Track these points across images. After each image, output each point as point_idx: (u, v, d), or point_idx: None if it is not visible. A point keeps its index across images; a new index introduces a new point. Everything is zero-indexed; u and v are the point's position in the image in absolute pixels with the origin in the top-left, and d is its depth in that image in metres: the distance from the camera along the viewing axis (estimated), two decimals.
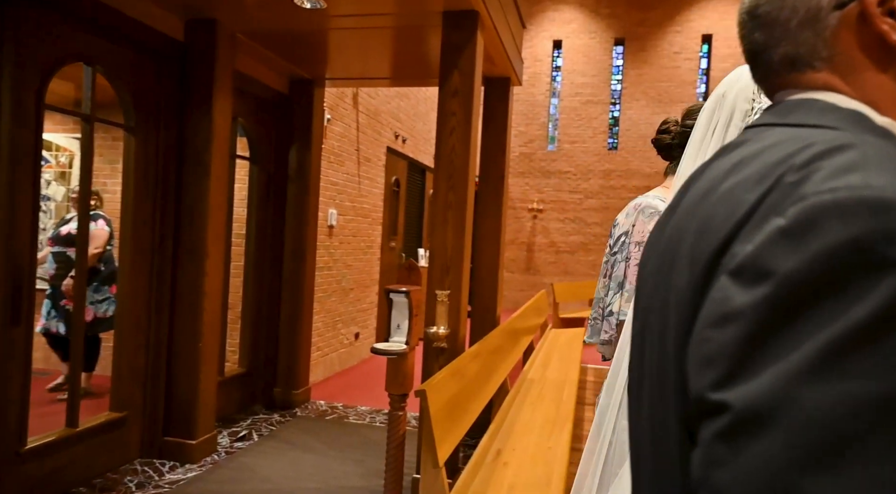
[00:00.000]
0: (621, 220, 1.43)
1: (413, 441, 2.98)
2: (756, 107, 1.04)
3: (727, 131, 1.03)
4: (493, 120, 4.25)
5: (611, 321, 1.36)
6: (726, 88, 1.07)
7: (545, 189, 11.11)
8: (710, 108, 1.08)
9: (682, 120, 1.51)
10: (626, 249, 1.36)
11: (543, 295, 6.16)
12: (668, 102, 10.43)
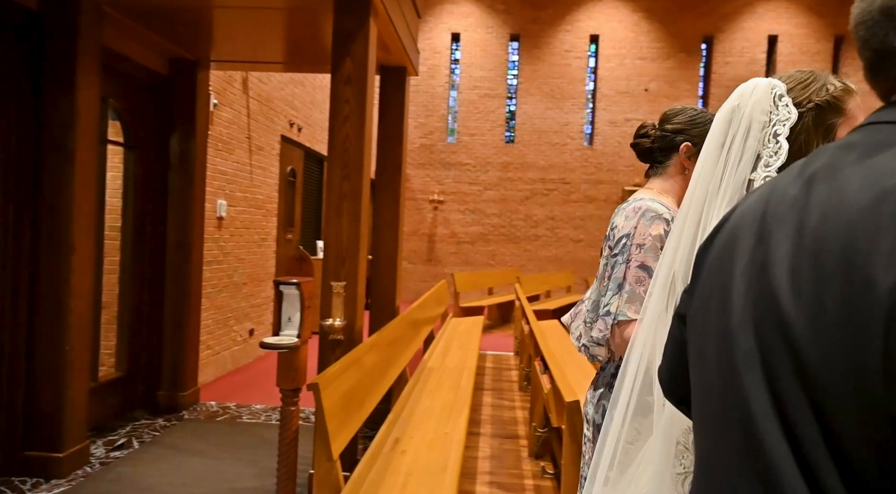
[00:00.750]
0: (620, 223, 1.41)
1: (310, 436, 2.91)
2: (773, 119, 1.05)
3: (746, 142, 1.05)
4: (389, 109, 4.22)
5: (607, 321, 1.35)
6: (739, 100, 1.08)
7: (445, 180, 11.25)
8: (726, 119, 1.08)
9: (659, 124, 1.54)
10: (626, 251, 1.35)
11: (444, 284, 6.25)
12: (561, 98, 10.94)
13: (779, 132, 1.03)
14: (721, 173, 1.04)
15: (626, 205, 1.46)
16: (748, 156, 1.03)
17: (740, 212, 0.66)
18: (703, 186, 1.05)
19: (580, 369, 4.28)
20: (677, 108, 1.52)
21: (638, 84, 10.78)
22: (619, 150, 10.85)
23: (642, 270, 1.32)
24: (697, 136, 1.45)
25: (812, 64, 10.37)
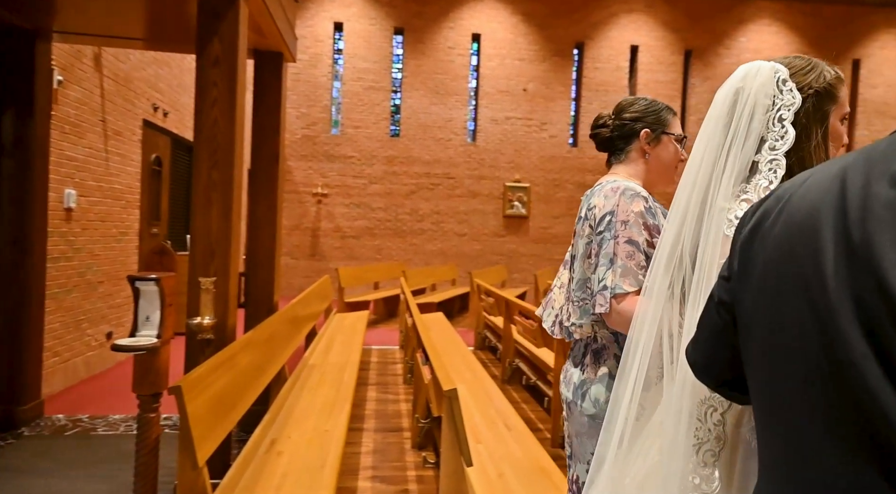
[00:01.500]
0: (599, 203, 1.43)
1: (177, 444, 2.70)
2: (778, 103, 1.05)
3: (750, 124, 1.05)
4: (265, 96, 4.01)
5: (605, 294, 1.35)
6: (743, 82, 1.08)
7: (329, 173, 10.97)
8: (730, 101, 1.08)
9: (616, 114, 1.58)
10: (613, 227, 1.37)
11: (327, 279, 6.10)
12: (445, 94, 11.10)
13: (783, 116, 1.04)
14: (726, 154, 1.04)
15: (599, 187, 1.49)
16: (753, 138, 1.03)
17: (798, 205, 0.69)
18: (708, 165, 1.04)
19: (462, 359, 4.39)
20: (630, 99, 1.58)
21: (517, 83, 11.24)
22: (501, 147, 11.26)
23: (630, 245, 1.35)
24: (654, 123, 1.53)
25: (667, 74, 11.47)
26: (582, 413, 1.46)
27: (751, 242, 0.75)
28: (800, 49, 11.59)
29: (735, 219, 0.98)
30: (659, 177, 1.56)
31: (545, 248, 11.45)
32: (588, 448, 1.45)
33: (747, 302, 0.75)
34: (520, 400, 4.79)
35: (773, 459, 0.71)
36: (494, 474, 2.34)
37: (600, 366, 1.45)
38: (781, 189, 0.76)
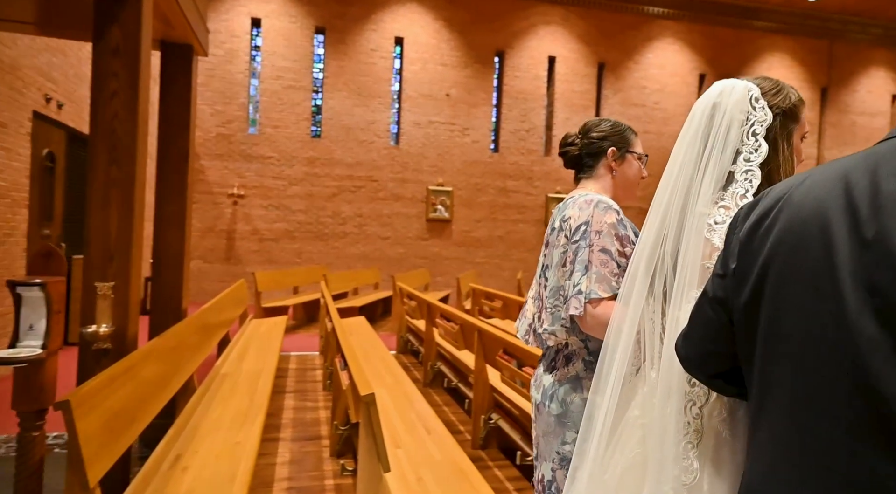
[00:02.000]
0: (574, 214, 1.52)
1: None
2: (751, 119, 1.13)
3: (727, 137, 1.12)
4: (174, 90, 3.79)
5: (580, 299, 1.41)
6: (719, 99, 1.14)
7: (247, 174, 10.55)
8: (707, 113, 1.14)
9: (584, 133, 1.69)
10: (588, 237, 1.46)
11: (243, 284, 5.84)
12: (368, 96, 11.00)
13: (757, 131, 1.12)
14: (705, 163, 1.11)
15: (572, 199, 1.58)
16: (729, 149, 1.12)
17: (802, 199, 0.74)
18: (687, 173, 1.12)
19: (383, 363, 4.35)
20: (595, 120, 1.70)
21: (440, 89, 11.34)
22: (424, 151, 11.30)
23: (604, 253, 1.44)
24: (618, 141, 1.65)
25: (582, 85, 12.00)
26: (549, 413, 1.51)
27: (750, 241, 0.80)
28: (698, 67, 12.52)
29: (714, 224, 1.07)
30: (624, 191, 1.67)
31: (468, 252, 11.60)
32: (554, 446, 1.51)
33: (746, 296, 0.80)
34: (441, 403, 4.81)
35: (771, 444, 0.76)
36: (413, 478, 2.32)
37: (570, 369, 1.52)
38: (776, 191, 0.81)
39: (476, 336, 3.79)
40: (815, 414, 0.69)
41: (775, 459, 0.76)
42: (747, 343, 0.82)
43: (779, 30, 12.76)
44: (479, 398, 3.80)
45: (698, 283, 1.05)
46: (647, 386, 1.14)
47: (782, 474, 0.74)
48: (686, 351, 0.96)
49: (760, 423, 0.79)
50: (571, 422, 1.48)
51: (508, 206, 11.76)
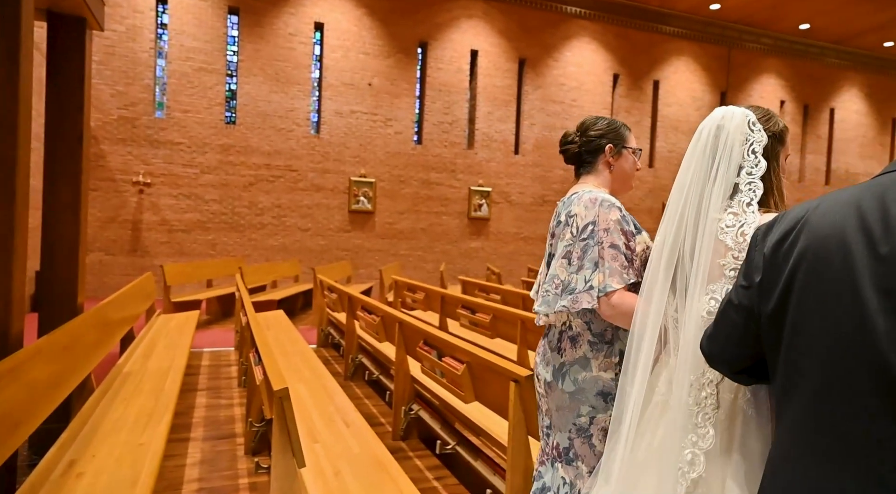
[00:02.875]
0: (581, 212, 1.64)
1: None
2: (750, 139, 1.34)
3: (731, 154, 1.32)
4: (64, 67, 3.46)
5: (592, 294, 1.55)
6: (722, 121, 1.35)
7: (154, 161, 9.90)
8: (714, 136, 1.35)
9: (582, 132, 1.82)
10: (596, 235, 1.58)
11: (149, 277, 5.49)
12: (286, 82, 10.63)
13: (756, 149, 1.34)
14: (714, 175, 1.32)
15: (577, 196, 1.70)
16: (734, 164, 1.33)
17: (820, 221, 0.90)
18: (698, 184, 1.33)
19: (301, 357, 4.24)
20: (592, 119, 1.84)
21: (362, 78, 11.15)
22: (346, 141, 11.09)
23: (613, 249, 1.57)
24: (614, 138, 1.79)
25: (503, 79, 12.22)
26: (563, 391, 1.67)
27: (775, 257, 0.97)
28: (612, 66, 13.11)
29: (726, 227, 1.29)
30: (621, 184, 1.83)
31: (391, 243, 11.54)
32: (570, 418, 1.67)
33: (773, 303, 0.96)
34: (363, 396, 4.77)
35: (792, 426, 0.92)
36: (331, 472, 2.28)
37: (577, 350, 1.67)
38: (792, 214, 0.98)
39: (397, 328, 3.78)
40: (839, 397, 0.84)
41: (797, 440, 0.91)
42: (773, 342, 0.97)
43: (685, 35, 13.60)
44: (400, 389, 3.80)
45: (713, 278, 1.28)
46: (667, 371, 1.33)
47: (804, 452, 0.89)
48: (711, 349, 1.13)
49: (785, 409, 0.94)
50: (584, 397, 1.64)
51: (431, 199, 11.80)
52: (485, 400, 2.74)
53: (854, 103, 15.60)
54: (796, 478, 0.89)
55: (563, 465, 1.71)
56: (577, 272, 1.60)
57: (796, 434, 0.91)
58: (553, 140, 12.67)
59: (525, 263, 12.38)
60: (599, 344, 1.65)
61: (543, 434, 1.80)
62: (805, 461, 0.88)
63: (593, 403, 1.63)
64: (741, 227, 1.28)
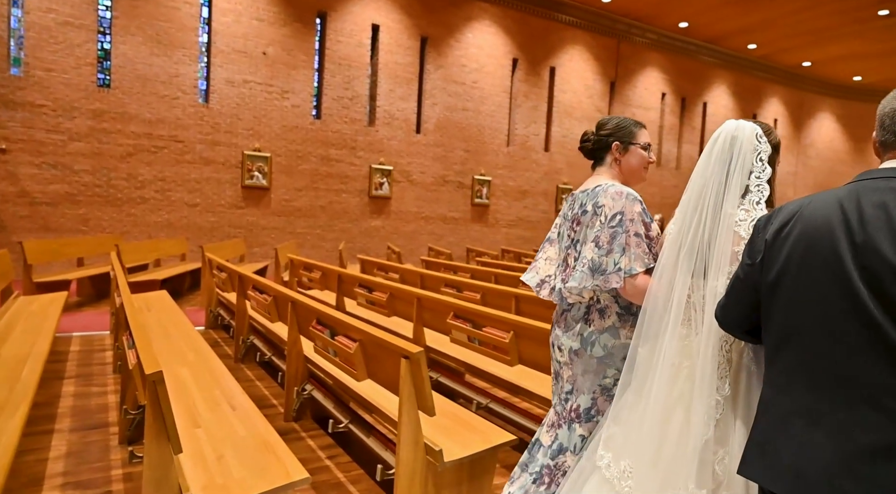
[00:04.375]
0: (608, 203, 1.88)
1: None
2: (758, 149, 1.65)
3: (744, 160, 1.63)
4: None
5: (620, 275, 1.81)
6: (735, 133, 1.65)
7: (10, 124, 8.75)
8: (729, 144, 1.65)
9: (596, 131, 2.08)
10: (623, 224, 1.83)
11: (3, 255, 4.90)
12: (169, 45, 9.79)
13: (763, 158, 1.65)
14: (729, 178, 1.62)
15: (601, 189, 1.94)
16: (746, 169, 1.63)
17: (812, 214, 1.23)
18: (716, 185, 1.62)
19: (186, 340, 4.01)
20: (605, 119, 2.10)
21: (256, 46, 10.53)
22: (238, 112, 10.47)
23: (637, 237, 1.82)
24: (622, 137, 2.03)
25: (405, 56, 12.09)
26: (592, 356, 1.92)
27: (774, 241, 1.30)
28: (512, 51, 13.42)
29: (739, 221, 1.60)
30: (631, 177, 2.05)
31: (288, 221, 11.14)
32: (596, 381, 1.93)
33: (772, 276, 1.29)
34: (254, 378, 4.61)
35: (784, 371, 1.25)
36: (213, 457, 2.19)
37: (605, 321, 1.92)
38: (787, 209, 1.30)
39: (289, 307, 3.68)
40: (831, 343, 1.17)
41: (791, 378, 1.24)
42: (769, 305, 1.31)
43: (579, 25, 14.19)
44: (293, 370, 3.72)
45: (730, 261, 1.57)
46: (686, 340, 1.64)
47: (798, 386, 1.22)
48: (724, 315, 1.47)
49: (779, 357, 1.28)
50: (612, 361, 1.91)
51: (331, 176, 11.51)
52: (377, 378, 2.75)
53: (723, 99, 17.19)
54: (792, 403, 1.22)
55: (580, 424, 1.96)
56: (606, 255, 1.84)
57: (791, 375, 1.24)
58: (455, 120, 12.79)
59: (425, 242, 12.49)
60: (626, 315, 1.92)
61: (561, 399, 2.05)
62: (799, 391, 1.21)
63: (619, 366, 1.87)
64: (751, 222, 1.57)
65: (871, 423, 1.09)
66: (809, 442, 1.16)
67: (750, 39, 15.46)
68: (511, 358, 3.21)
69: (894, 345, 1.08)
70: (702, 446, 1.53)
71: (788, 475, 1.19)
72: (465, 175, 13.11)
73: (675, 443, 1.58)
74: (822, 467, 1.13)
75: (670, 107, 16.19)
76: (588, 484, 1.76)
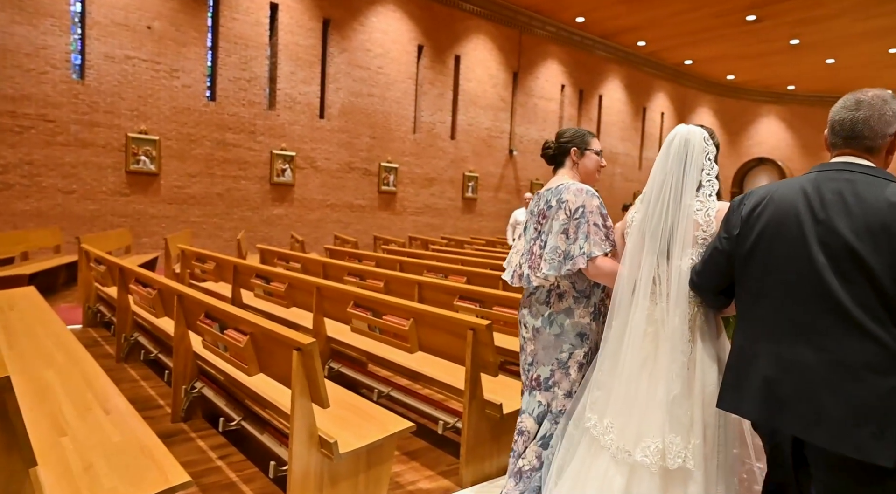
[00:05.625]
0: (571, 199, 2.21)
1: None
2: (707, 149, 1.98)
3: (696, 160, 1.95)
4: None
5: (583, 257, 2.13)
6: (688, 136, 1.97)
7: None
8: (683, 145, 1.97)
9: (557, 139, 2.43)
10: (584, 216, 2.16)
11: None
12: (35, 13, 8.69)
13: (710, 157, 1.98)
14: (686, 174, 1.94)
15: (564, 187, 2.27)
16: (698, 167, 1.96)
17: (780, 198, 1.56)
18: (677, 180, 1.94)
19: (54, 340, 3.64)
20: (564, 129, 2.47)
21: (139, 19, 9.67)
22: (121, 90, 9.60)
23: (595, 226, 2.15)
24: (579, 143, 2.39)
25: (307, 38, 11.65)
26: (550, 333, 2.24)
27: (748, 219, 1.62)
28: (417, 37, 13.35)
29: (696, 211, 1.91)
30: (586, 177, 2.39)
31: (181, 209, 10.43)
32: (553, 355, 2.24)
33: (744, 246, 1.62)
34: (139, 378, 4.29)
35: (755, 322, 1.59)
36: (80, 467, 2.00)
37: (563, 303, 2.25)
38: (758, 193, 1.65)
39: (175, 301, 3.45)
40: (793, 303, 1.51)
41: (758, 331, 1.58)
42: (743, 272, 1.65)
43: (482, 14, 14.37)
44: (181, 367, 3.50)
45: (691, 244, 1.90)
46: (650, 313, 1.95)
47: (770, 335, 1.55)
48: (700, 281, 1.82)
49: (752, 313, 1.61)
50: (566, 338, 2.23)
51: (228, 161, 10.90)
52: (270, 372, 2.65)
53: (616, 92, 18.19)
54: (763, 349, 1.56)
55: (540, 392, 2.27)
56: (573, 243, 2.17)
57: (763, 326, 1.57)
58: (360, 106, 12.54)
59: (331, 230, 12.21)
60: (580, 298, 2.24)
61: (524, 370, 2.35)
62: (767, 339, 1.56)
63: (573, 342, 2.22)
64: (707, 211, 1.92)
65: (820, 359, 1.44)
66: (774, 377, 1.51)
67: (639, 37, 16.43)
68: (411, 345, 3.21)
69: (840, 303, 1.42)
70: (671, 400, 1.84)
71: (757, 402, 1.54)
72: (371, 162, 12.92)
73: (647, 398, 1.89)
74: (783, 394, 1.49)
75: (569, 99, 16.88)
76: (580, 447, 2.05)
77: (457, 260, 6.90)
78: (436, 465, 3.11)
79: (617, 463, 1.91)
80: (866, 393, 1.37)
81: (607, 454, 1.94)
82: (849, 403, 1.39)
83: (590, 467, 1.98)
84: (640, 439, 1.86)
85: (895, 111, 1.55)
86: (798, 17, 13.75)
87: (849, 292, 1.41)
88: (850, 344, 1.40)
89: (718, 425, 1.85)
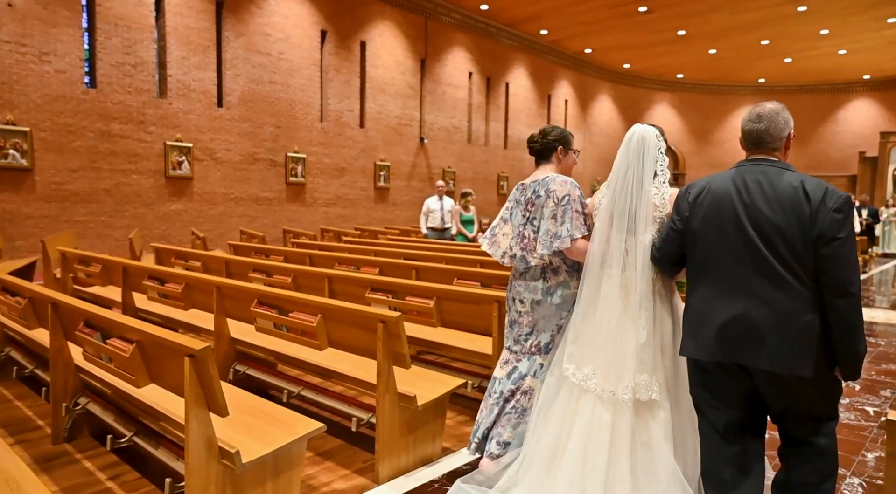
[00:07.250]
0: (557, 188, 2.63)
1: None
2: (660, 144, 2.42)
3: (650, 155, 2.40)
4: None
5: (567, 239, 2.54)
6: (644, 133, 2.42)
7: None
8: (641, 142, 2.40)
9: (544, 137, 2.81)
10: (568, 203, 2.58)
11: None
12: None
13: (662, 151, 2.42)
14: (644, 165, 2.37)
15: (550, 179, 2.68)
16: (652, 160, 2.38)
17: (716, 188, 2.07)
18: (637, 170, 2.37)
19: None
20: (550, 127, 2.86)
21: None
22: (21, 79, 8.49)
23: (577, 213, 2.57)
24: (564, 143, 2.81)
25: (198, 21, 10.88)
26: (551, 303, 2.65)
27: (695, 204, 2.10)
28: (319, 22, 12.88)
29: (653, 195, 2.35)
30: (566, 172, 2.81)
31: (61, 208, 9.46)
32: (554, 321, 2.67)
33: (693, 226, 2.09)
34: (13, 397, 3.85)
35: (706, 284, 2.06)
36: None
37: (559, 277, 2.66)
38: (699, 184, 2.14)
39: (49, 309, 3.09)
40: (735, 267, 1.97)
41: (709, 291, 2.03)
42: (693, 245, 2.10)
43: (387, 0, 14.12)
44: (60, 382, 3.15)
45: (651, 222, 2.34)
46: (621, 277, 2.37)
47: (717, 294, 2.01)
48: (660, 255, 2.28)
49: (703, 276, 2.07)
50: (566, 306, 2.64)
51: (115, 154, 10.00)
52: (162, 381, 2.43)
53: (522, 80, 18.60)
54: (715, 304, 2.01)
55: (540, 355, 2.68)
56: (560, 225, 2.55)
57: (712, 288, 2.02)
58: (262, 93, 11.95)
59: (236, 225, 11.59)
60: (572, 272, 2.65)
61: (520, 340, 2.73)
62: (715, 296, 2.01)
63: (570, 309, 2.61)
64: (662, 195, 2.34)
65: (757, 306, 1.92)
66: (724, 324, 1.97)
67: (542, 25, 16.86)
68: (320, 341, 3.08)
69: (770, 265, 1.90)
70: (640, 346, 2.30)
71: (714, 345, 1.99)
72: (277, 152, 12.38)
73: (623, 347, 2.32)
74: (733, 336, 1.95)
75: (477, 86, 17.05)
76: (561, 392, 2.46)
77: (369, 252, 6.77)
78: (351, 463, 3.01)
79: (602, 402, 2.33)
80: (792, 327, 1.87)
81: (592, 396, 2.35)
82: (781, 336, 1.88)
83: (575, 408, 2.39)
84: (620, 380, 2.29)
85: (786, 119, 2.06)
86: (684, 9, 14.66)
87: (773, 255, 1.90)
88: (779, 294, 1.89)
89: (673, 367, 2.36)
